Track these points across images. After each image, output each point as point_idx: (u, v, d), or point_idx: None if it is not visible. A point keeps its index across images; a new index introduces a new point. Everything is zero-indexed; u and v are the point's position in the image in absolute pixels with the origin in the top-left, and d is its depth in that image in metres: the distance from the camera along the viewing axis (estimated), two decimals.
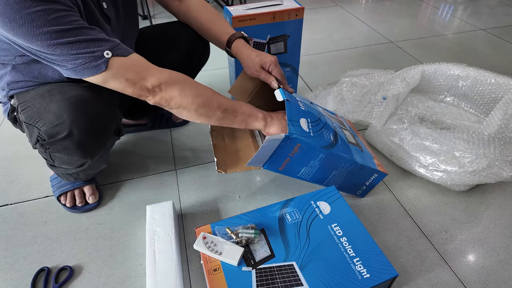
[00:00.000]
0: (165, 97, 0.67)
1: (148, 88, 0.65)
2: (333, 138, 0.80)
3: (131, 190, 0.96)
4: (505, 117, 0.93)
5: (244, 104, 0.77)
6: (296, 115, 0.76)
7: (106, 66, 0.61)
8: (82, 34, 0.59)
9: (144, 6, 1.97)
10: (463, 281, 0.74)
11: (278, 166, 0.77)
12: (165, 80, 0.66)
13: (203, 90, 0.72)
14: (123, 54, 0.63)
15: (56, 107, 0.68)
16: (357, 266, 0.66)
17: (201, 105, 0.70)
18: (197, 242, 0.70)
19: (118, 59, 0.62)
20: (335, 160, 0.78)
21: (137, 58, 0.66)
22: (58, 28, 0.56)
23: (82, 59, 0.59)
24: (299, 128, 0.73)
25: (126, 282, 0.74)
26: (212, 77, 1.48)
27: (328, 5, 2.28)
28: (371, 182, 0.88)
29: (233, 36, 0.86)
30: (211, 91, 0.73)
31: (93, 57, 0.60)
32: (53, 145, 0.71)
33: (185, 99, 0.68)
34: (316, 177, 0.82)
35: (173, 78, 0.67)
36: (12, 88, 0.74)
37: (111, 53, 0.61)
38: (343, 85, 1.23)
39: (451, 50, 1.71)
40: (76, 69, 0.61)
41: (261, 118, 0.77)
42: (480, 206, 0.90)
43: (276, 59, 0.83)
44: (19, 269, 0.77)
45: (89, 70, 0.61)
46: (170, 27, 0.96)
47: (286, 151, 0.73)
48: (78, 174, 0.86)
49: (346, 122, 1.01)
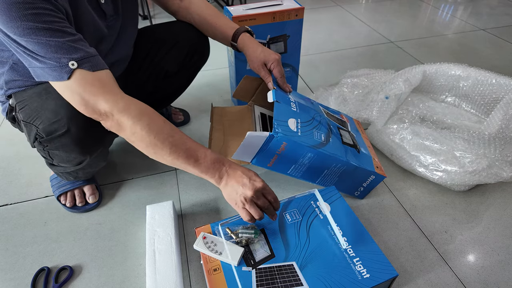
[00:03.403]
0: (115, 127, 0.62)
1: (100, 112, 0.61)
2: (324, 138, 0.81)
3: (131, 190, 0.96)
4: (506, 118, 0.93)
5: (208, 155, 0.66)
6: (285, 116, 0.78)
7: (69, 76, 0.58)
8: (56, 37, 0.56)
9: (144, 6, 1.97)
10: (463, 281, 0.74)
11: (266, 162, 0.78)
12: (119, 109, 0.61)
13: (157, 131, 0.63)
14: (90, 69, 0.59)
15: (53, 105, 0.68)
16: (357, 266, 0.66)
17: (151, 145, 0.63)
18: (197, 242, 0.70)
19: (82, 73, 0.59)
20: (325, 159, 0.79)
21: (103, 77, 0.61)
22: (31, 24, 0.54)
23: (48, 63, 0.57)
24: (285, 128, 0.75)
25: (126, 282, 0.74)
26: (212, 77, 1.48)
27: (328, 5, 2.28)
28: (368, 183, 0.88)
29: (239, 30, 0.88)
30: (167, 132, 0.64)
31: (58, 64, 0.57)
32: (51, 143, 0.71)
33: (133, 135, 0.62)
34: (307, 175, 0.83)
35: (129, 109, 0.61)
36: (10, 87, 0.74)
37: (77, 64, 0.58)
38: (344, 86, 1.23)
39: (451, 50, 1.71)
40: (43, 70, 0.58)
41: (217, 178, 0.67)
42: (480, 206, 0.90)
43: (279, 58, 0.85)
44: (19, 269, 0.77)
45: (51, 76, 0.59)
46: (170, 26, 0.96)
47: (273, 148, 0.74)
48: (78, 173, 0.86)
49: (352, 122, 1.01)
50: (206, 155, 0.66)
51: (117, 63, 0.86)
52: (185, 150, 0.64)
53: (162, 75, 0.97)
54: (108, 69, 0.63)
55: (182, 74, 1.00)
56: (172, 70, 0.97)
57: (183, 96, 1.09)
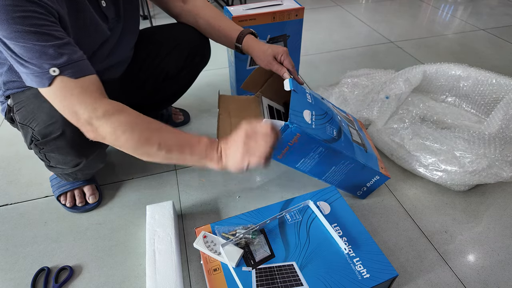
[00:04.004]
0: (97, 137, 0.61)
1: (81, 121, 0.60)
2: (336, 134, 0.79)
3: (131, 190, 0.96)
4: (506, 118, 0.93)
5: (201, 141, 0.64)
6: (300, 106, 0.76)
7: (50, 83, 0.57)
8: (42, 41, 0.55)
9: (144, 6, 1.97)
10: (463, 281, 0.74)
11: (277, 154, 0.76)
12: (97, 117, 0.59)
13: (141, 129, 0.61)
14: (72, 76, 0.58)
15: (49, 107, 0.67)
16: (357, 266, 0.66)
17: (137, 146, 0.61)
18: (197, 240, 0.70)
19: (63, 80, 0.57)
20: (335, 155, 0.78)
21: (85, 84, 0.59)
22: (19, 27, 0.53)
23: (31, 68, 0.56)
24: (301, 119, 0.73)
25: (126, 282, 0.74)
26: (213, 77, 1.48)
27: (328, 5, 2.28)
28: (372, 184, 0.87)
29: (243, 32, 0.88)
30: (153, 128, 0.63)
31: (40, 70, 0.56)
32: (47, 145, 0.71)
33: (117, 141, 0.61)
34: (314, 170, 0.82)
35: (108, 115, 0.59)
36: (9, 88, 0.74)
37: (59, 71, 0.56)
38: (345, 86, 1.23)
39: (451, 50, 1.71)
40: (28, 75, 0.58)
41: (216, 159, 0.64)
42: (480, 206, 0.90)
43: (287, 50, 0.85)
44: (19, 269, 0.77)
45: (34, 82, 0.58)
46: (171, 28, 0.96)
47: (286, 139, 0.73)
48: (76, 174, 0.86)
49: (356, 122, 1.01)
50: (200, 140, 0.64)
51: (117, 65, 0.86)
52: (176, 142, 0.63)
53: (162, 76, 0.97)
54: (94, 74, 0.61)
55: (182, 76, 1.00)
56: (172, 72, 0.97)
57: (183, 96, 1.09)
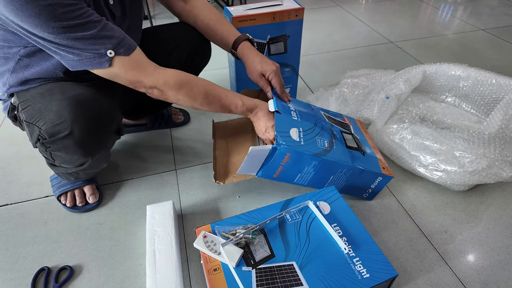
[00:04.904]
0: (161, 97, 0.74)
1: (146, 87, 0.71)
2: (327, 145, 0.81)
3: (131, 190, 0.96)
4: (506, 118, 0.93)
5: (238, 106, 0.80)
6: (286, 126, 0.78)
7: (109, 64, 0.65)
8: (88, 29, 0.60)
9: (144, 6, 1.97)
10: (463, 281, 0.74)
11: (272, 174, 0.79)
12: (160, 85, 0.71)
13: (196, 95, 0.76)
14: (125, 53, 0.66)
15: (57, 106, 0.68)
16: (357, 266, 0.66)
17: (193, 106, 0.77)
18: (197, 240, 0.70)
19: (120, 59, 0.66)
20: (330, 166, 0.79)
21: (138, 57, 0.69)
22: (65, 23, 0.57)
23: (86, 54, 0.62)
24: (288, 139, 0.75)
25: (126, 282, 0.74)
26: (212, 77, 1.48)
27: (328, 5, 2.28)
28: (376, 185, 0.88)
29: (240, 38, 0.88)
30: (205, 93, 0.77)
31: (97, 54, 0.63)
32: (53, 144, 0.71)
33: (178, 101, 0.76)
34: (313, 182, 0.83)
35: (169, 83, 0.72)
36: (12, 86, 0.74)
37: (114, 52, 0.64)
38: (345, 86, 1.23)
39: (451, 50, 1.71)
40: (81, 61, 0.63)
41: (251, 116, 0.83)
42: (480, 206, 0.90)
43: (277, 68, 0.86)
44: (19, 269, 0.77)
45: (91, 65, 0.64)
46: (171, 28, 0.96)
47: (277, 160, 0.75)
48: (79, 174, 0.86)
49: (354, 123, 1.01)
50: (237, 106, 0.80)
51: None
52: (220, 105, 0.79)
53: None
54: (137, 46, 0.70)
55: None
56: None
57: None
